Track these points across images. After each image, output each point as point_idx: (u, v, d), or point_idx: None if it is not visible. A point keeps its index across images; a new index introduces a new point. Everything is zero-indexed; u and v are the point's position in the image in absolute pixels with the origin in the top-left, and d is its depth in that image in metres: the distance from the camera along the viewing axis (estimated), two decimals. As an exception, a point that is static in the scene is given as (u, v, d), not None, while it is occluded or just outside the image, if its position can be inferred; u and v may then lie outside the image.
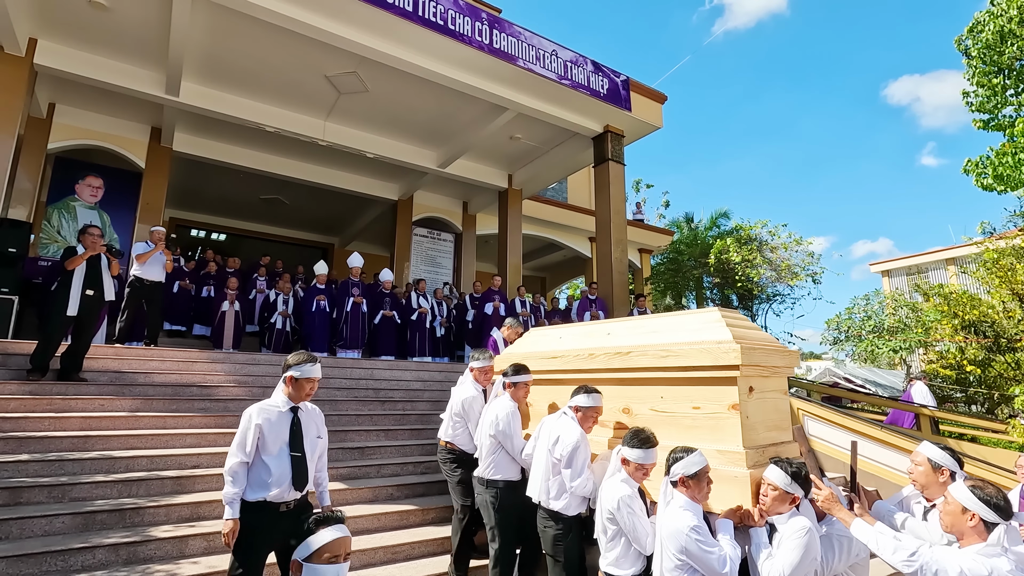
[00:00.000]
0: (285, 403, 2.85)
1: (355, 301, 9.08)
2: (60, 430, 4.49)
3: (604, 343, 3.30)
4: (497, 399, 3.62)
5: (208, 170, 11.43)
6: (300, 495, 2.82)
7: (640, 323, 3.35)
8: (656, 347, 2.95)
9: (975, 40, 10.31)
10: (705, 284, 12.28)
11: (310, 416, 2.97)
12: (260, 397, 5.77)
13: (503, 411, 3.47)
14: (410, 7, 7.30)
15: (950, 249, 20.89)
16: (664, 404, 2.92)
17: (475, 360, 4.13)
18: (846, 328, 17.56)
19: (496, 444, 3.46)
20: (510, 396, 3.56)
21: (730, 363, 2.57)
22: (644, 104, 10.03)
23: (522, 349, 4.06)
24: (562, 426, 3.02)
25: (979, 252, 9.24)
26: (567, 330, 3.90)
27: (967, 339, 8.30)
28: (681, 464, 2.38)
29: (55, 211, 9.51)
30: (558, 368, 3.52)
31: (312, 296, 9.05)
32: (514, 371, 3.58)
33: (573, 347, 3.50)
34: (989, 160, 9.99)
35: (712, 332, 2.77)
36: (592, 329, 3.61)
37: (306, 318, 9.00)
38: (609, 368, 3.16)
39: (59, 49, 7.78)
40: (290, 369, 2.84)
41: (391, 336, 9.49)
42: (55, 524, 3.43)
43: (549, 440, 3.04)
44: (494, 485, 3.46)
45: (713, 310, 2.96)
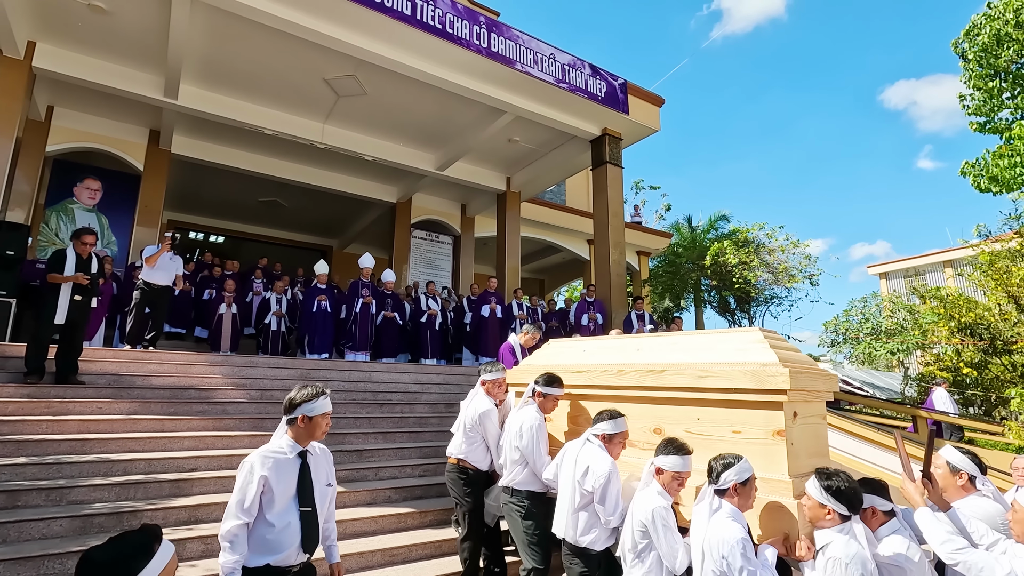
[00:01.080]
0: (292, 448, 2.41)
1: (364, 302, 8.94)
2: (58, 433, 4.50)
3: (634, 359, 3.16)
4: (523, 409, 3.39)
5: (207, 173, 11.44)
6: (308, 557, 2.41)
7: (673, 340, 3.20)
8: (693, 366, 2.80)
9: (972, 43, 10.37)
10: (703, 286, 12.31)
11: (319, 461, 2.52)
12: (259, 400, 5.82)
13: (528, 423, 3.28)
14: (408, 11, 7.33)
15: (947, 251, 20.93)
16: (700, 427, 2.76)
17: (487, 372, 3.89)
18: (844, 330, 17.59)
19: (521, 457, 3.31)
20: (537, 407, 3.36)
21: (777, 387, 2.43)
22: (642, 107, 10.06)
23: (543, 361, 3.87)
24: (591, 456, 2.80)
25: (975, 255, 9.28)
26: (592, 343, 3.74)
27: (963, 341, 8.33)
28: (733, 471, 2.27)
29: (53, 214, 9.51)
30: (584, 383, 3.35)
31: (313, 296, 8.90)
32: (546, 381, 3.37)
33: (600, 362, 3.35)
34: (985, 162, 10.04)
35: (756, 353, 2.64)
36: (620, 344, 3.46)
37: (306, 318, 8.87)
38: (640, 386, 3.01)
39: (58, 52, 7.79)
40: (299, 407, 2.41)
41: (393, 338, 9.38)
42: (53, 527, 3.43)
43: (577, 470, 2.82)
44: (518, 493, 3.33)
45: (754, 329, 2.81)
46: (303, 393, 2.45)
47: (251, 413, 5.57)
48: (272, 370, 6.66)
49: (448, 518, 4.56)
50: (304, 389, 2.47)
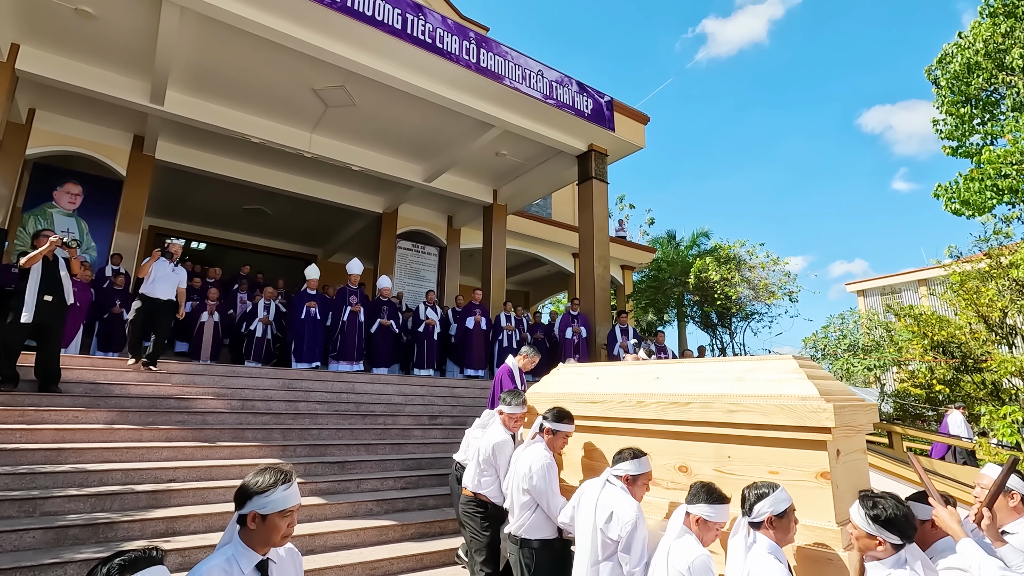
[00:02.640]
0: (248, 558, 1.75)
1: (352, 310, 8.69)
2: (32, 442, 4.40)
3: (654, 389, 2.92)
4: (530, 447, 3.12)
5: (191, 179, 11.34)
6: None
7: (697, 368, 2.93)
8: (722, 399, 2.55)
9: (944, 71, 10.77)
10: (685, 301, 12.47)
11: (285, 570, 1.88)
12: (239, 411, 5.76)
13: (538, 463, 3.00)
14: (399, 24, 7.41)
15: (922, 271, 21.47)
16: (732, 466, 2.50)
17: (505, 404, 3.59)
18: (822, 346, 17.89)
19: (531, 500, 3.03)
20: (546, 444, 3.10)
21: (820, 425, 2.19)
22: (627, 125, 10.23)
23: (552, 389, 3.61)
24: (614, 499, 2.52)
25: (947, 275, 9.55)
26: (605, 370, 3.47)
27: (936, 359, 8.55)
28: (768, 502, 2.06)
29: (31, 217, 9.35)
30: (598, 415, 3.09)
31: (302, 302, 8.56)
32: (556, 417, 3.11)
33: (616, 391, 3.09)
34: (957, 186, 10.39)
35: (792, 385, 2.39)
36: (637, 372, 3.21)
37: (294, 325, 8.54)
38: (663, 419, 2.75)
39: (42, 55, 7.71)
40: (252, 500, 1.74)
41: (388, 347, 9.14)
42: (25, 539, 3.35)
43: (598, 516, 2.55)
44: (528, 545, 3.04)
45: (788, 358, 2.58)
46: (257, 481, 1.77)
47: (231, 424, 5.51)
48: (254, 380, 6.59)
49: (430, 531, 4.55)
50: (260, 475, 1.79)
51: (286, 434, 5.57)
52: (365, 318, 8.90)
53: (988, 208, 10.03)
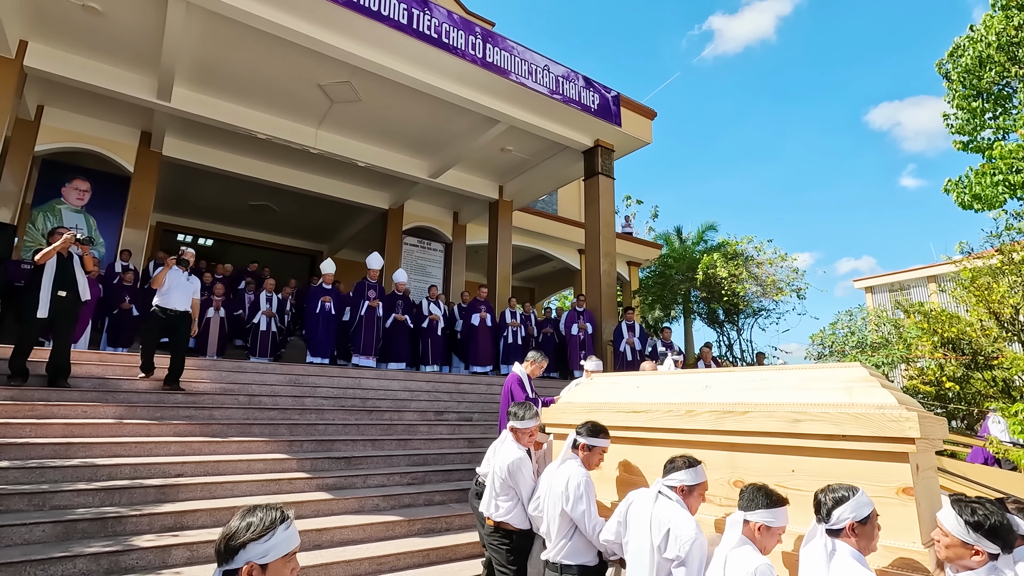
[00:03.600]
0: None
1: (370, 305, 8.63)
2: (42, 437, 4.43)
3: (704, 398, 2.74)
4: (565, 465, 2.88)
5: (197, 175, 11.38)
6: None
7: (749, 376, 2.73)
8: (785, 407, 2.37)
9: (955, 64, 10.63)
10: (692, 298, 12.41)
11: None
12: (246, 406, 5.78)
13: (575, 482, 2.75)
14: (404, 19, 7.39)
15: (931, 267, 21.28)
16: (796, 480, 2.30)
17: (516, 419, 3.29)
18: (830, 343, 17.78)
19: (569, 524, 2.80)
20: (582, 461, 2.86)
21: (903, 435, 2.01)
22: (634, 120, 10.18)
23: (587, 399, 3.37)
24: (670, 514, 2.31)
25: (957, 271, 9.46)
26: (646, 379, 3.26)
27: (946, 356, 8.48)
28: (849, 506, 1.88)
29: (40, 214, 9.40)
30: (641, 425, 2.89)
31: (316, 296, 8.50)
32: (591, 431, 2.86)
33: (661, 400, 2.91)
34: (968, 180, 10.27)
35: (865, 393, 2.23)
36: (682, 380, 3.02)
37: (308, 320, 8.53)
38: (716, 430, 2.56)
39: (50, 52, 7.74)
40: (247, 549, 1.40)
41: (404, 342, 9.08)
42: (35, 532, 3.38)
43: (653, 533, 2.32)
44: (568, 571, 2.81)
45: (856, 365, 2.41)
46: (251, 524, 1.42)
47: (238, 419, 5.53)
48: (260, 375, 6.61)
49: (436, 527, 4.56)
50: (251, 516, 1.45)
51: (293, 429, 5.59)
52: (384, 312, 8.84)
53: (1000, 203, 9.91)
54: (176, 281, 5.89)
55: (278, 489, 4.52)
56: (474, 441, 6.41)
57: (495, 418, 7.18)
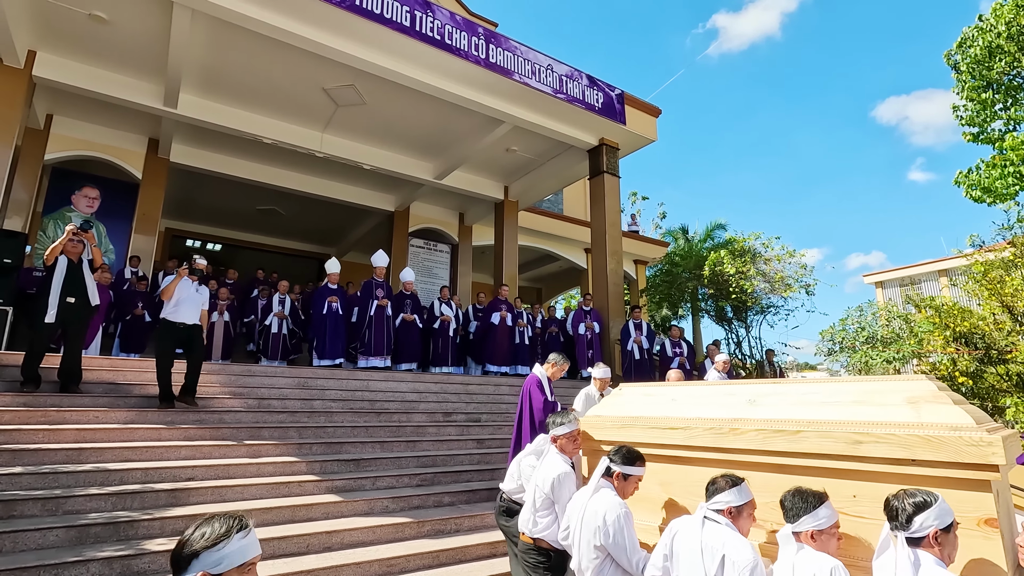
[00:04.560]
0: None
1: (379, 304, 8.46)
2: (54, 442, 4.48)
3: (749, 414, 2.52)
4: (599, 495, 2.63)
5: (205, 181, 11.46)
6: None
7: (799, 389, 2.52)
8: (844, 427, 2.16)
9: (964, 55, 10.52)
10: (700, 295, 12.35)
11: None
12: (255, 410, 5.81)
13: (613, 515, 2.51)
14: (407, 22, 7.40)
15: (942, 261, 21.04)
16: (858, 506, 2.08)
17: (556, 426, 3.10)
18: (840, 339, 17.63)
19: (605, 558, 2.57)
20: (616, 491, 2.64)
21: (984, 462, 1.79)
22: (639, 117, 10.14)
23: (616, 412, 3.13)
24: (723, 540, 2.12)
25: (969, 264, 9.34)
26: (682, 391, 3.03)
27: (959, 350, 8.37)
28: (932, 513, 1.73)
29: (51, 221, 9.51)
30: (680, 443, 2.67)
31: (323, 297, 8.36)
32: (626, 459, 2.65)
33: (701, 416, 2.68)
34: (979, 173, 10.15)
35: (935, 411, 2.00)
36: (724, 393, 2.79)
37: (315, 321, 8.39)
38: (765, 450, 2.34)
39: (58, 61, 7.83)
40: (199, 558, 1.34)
41: (414, 342, 8.94)
42: (49, 537, 3.41)
43: (708, 562, 2.12)
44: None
45: (922, 378, 2.20)
46: (204, 532, 1.37)
47: (248, 422, 5.56)
48: (269, 378, 6.64)
49: (446, 528, 4.55)
50: (207, 525, 1.39)
51: (302, 432, 5.61)
52: (392, 312, 8.71)
53: (1011, 195, 9.79)
54: (186, 293, 5.58)
55: (287, 492, 4.54)
56: (483, 442, 6.41)
57: (504, 419, 7.17)
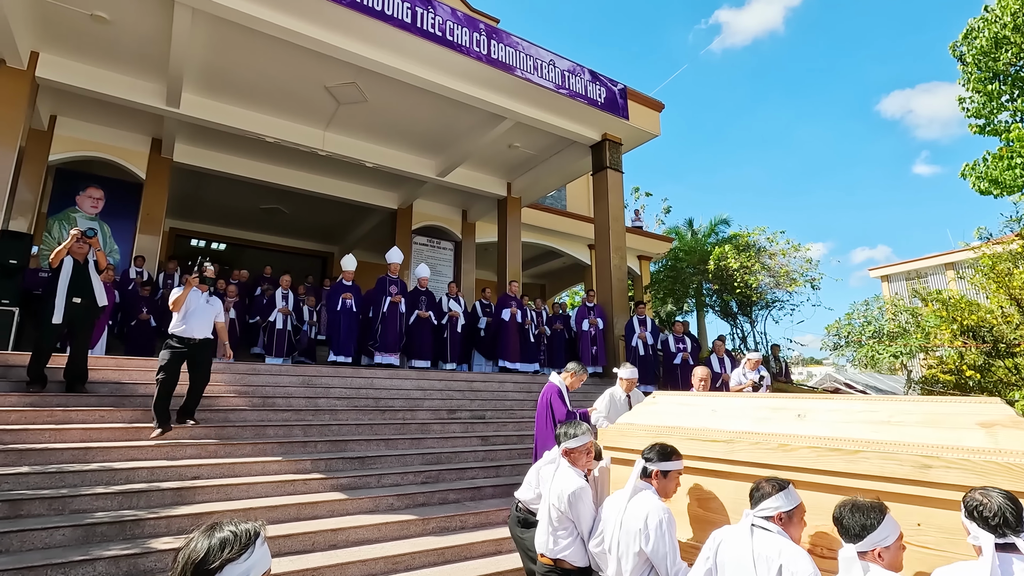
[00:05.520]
0: None
1: (392, 301, 8.45)
2: (60, 442, 4.50)
3: (799, 429, 2.34)
4: (641, 498, 2.47)
5: (208, 180, 11.49)
6: None
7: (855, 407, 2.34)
8: (910, 449, 2.00)
9: (970, 47, 10.39)
10: (704, 291, 12.31)
11: None
12: (260, 408, 5.82)
13: (656, 518, 2.35)
14: (408, 18, 7.38)
15: (949, 254, 20.92)
16: (923, 536, 1.93)
17: (568, 438, 2.91)
18: (846, 333, 17.54)
19: (645, 565, 2.42)
20: (656, 491, 2.49)
21: None
22: (641, 112, 10.09)
23: (651, 421, 2.96)
24: (778, 550, 1.95)
25: (976, 257, 9.27)
26: (723, 402, 2.83)
27: (966, 344, 8.31)
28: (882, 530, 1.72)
29: (56, 222, 9.55)
30: (721, 457, 2.49)
31: (337, 293, 8.33)
32: (662, 455, 2.50)
33: (745, 429, 2.51)
34: (986, 165, 10.05)
35: (1018, 438, 1.86)
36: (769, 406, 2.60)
37: (330, 317, 8.39)
38: (817, 469, 2.16)
39: (61, 62, 7.85)
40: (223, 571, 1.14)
41: (427, 339, 8.88)
42: (56, 536, 3.43)
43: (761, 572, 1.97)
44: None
45: (995, 401, 2.07)
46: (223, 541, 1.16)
47: (253, 420, 5.58)
48: (274, 377, 6.66)
49: (451, 525, 4.56)
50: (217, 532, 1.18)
51: (307, 430, 5.62)
52: (407, 308, 8.66)
53: (1018, 187, 9.68)
54: (195, 304, 5.11)
55: (293, 490, 4.55)
56: (488, 439, 6.41)
57: (508, 416, 7.17)
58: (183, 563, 1.13)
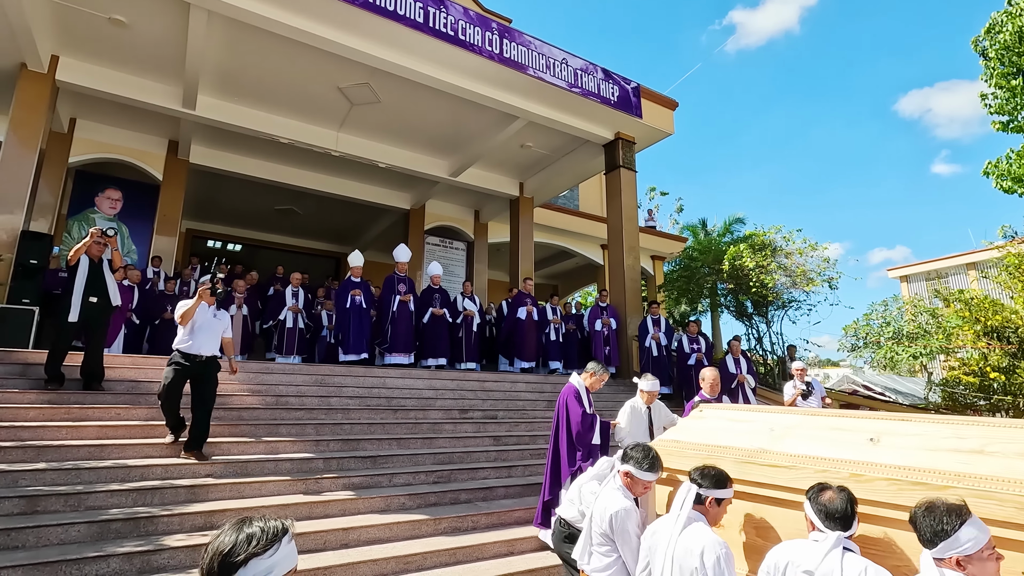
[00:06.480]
0: None
1: (401, 299, 8.26)
2: (77, 439, 4.55)
3: (873, 456, 2.08)
4: (693, 530, 2.25)
5: (224, 182, 11.60)
6: None
7: (941, 432, 2.09)
8: (1012, 486, 1.72)
9: (993, 41, 10.16)
10: (719, 290, 12.16)
11: None
12: (273, 407, 5.85)
13: (713, 555, 2.13)
14: (421, 18, 7.38)
15: (970, 254, 20.48)
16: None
17: (635, 463, 2.65)
18: (864, 334, 17.24)
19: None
20: (709, 520, 2.30)
21: None
22: (655, 111, 10.01)
23: (700, 439, 2.75)
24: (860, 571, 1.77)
25: (1001, 256, 9.05)
26: (781, 420, 2.57)
27: (990, 345, 8.12)
28: None
29: (75, 223, 9.70)
30: (783, 484, 2.23)
31: (346, 290, 8.12)
32: (716, 482, 2.30)
33: (810, 452, 2.26)
34: (1008, 162, 9.81)
35: None
36: (832, 426, 2.35)
37: (339, 316, 8.22)
38: (897, 505, 1.89)
39: (80, 65, 7.97)
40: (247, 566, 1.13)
41: (442, 337, 8.67)
42: (71, 532, 3.46)
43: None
44: None
45: None
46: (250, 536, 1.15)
47: (266, 419, 5.60)
48: (287, 376, 6.69)
49: (463, 526, 4.52)
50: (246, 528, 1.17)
51: (319, 429, 5.63)
52: (415, 308, 8.51)
53: (1044, 185, 9.45)
54: (202, 319, 4.68)
55: (304, 489, 4.56)
56: (500, 439, 6.38)
57: (520, 416, 7.13)
58: (211, 554, 1.16)
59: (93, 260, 5.40)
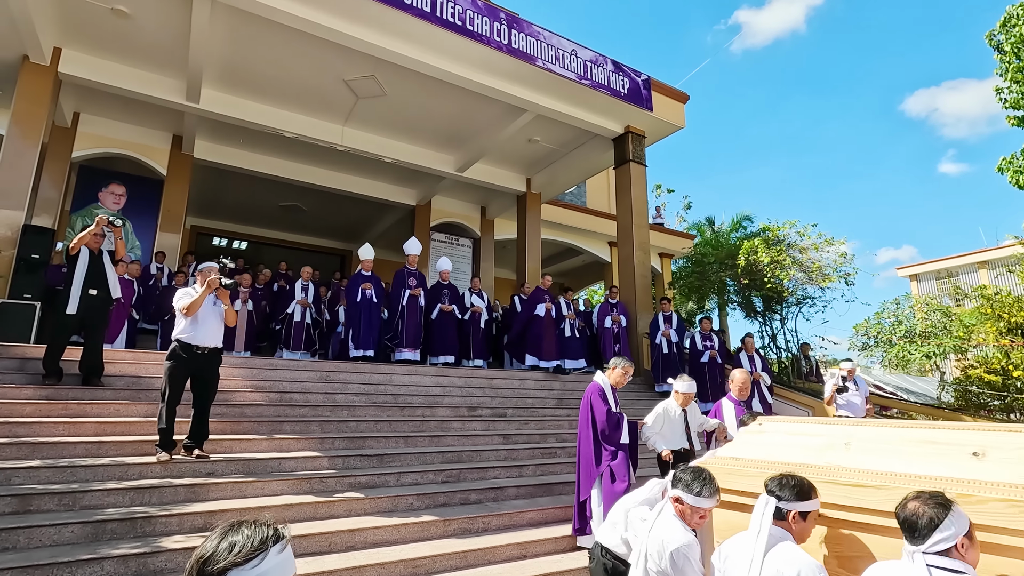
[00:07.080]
0: None
1: (411, 294, 8.09)
2: (74, 435, 4.40)
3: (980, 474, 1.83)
4: (781, 550, 1.93)
5: (228, 177, 11.48)
6: None
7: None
8: None
9: (1008, 35, 9.90)
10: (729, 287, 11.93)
11: None
12: (277, 403, 5.69)
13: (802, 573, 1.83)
14: (428, 7, 7.23)
15: (981, 252, 20.20)
16: None
17: (689, 491, 2.28)
18: (875, 333, 16.97)
19: None
20: (794, 537, 1.99)
21: None
22: (666, 104, 9.82)
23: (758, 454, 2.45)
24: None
25: (1021, 253, 8.81)
26: (858, 433, 2.28)
27: (1013, 342, 7.88)
28: None
29: (79, 218, 9.59)
30: (873, 507, 1.94)
31: (356, 284, 7.89)
32: (799, 493, 1.99)
33: (900, 470, 1.99)
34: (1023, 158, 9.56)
35: None
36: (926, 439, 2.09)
37: (349, 310, 8.06)
38: (1015, 529, 1.67)
39: (83, 58, 7.85)
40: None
41: (451, 334, 8.46)
42: (64, 533, 3.30)
43: None
44: None
45: None
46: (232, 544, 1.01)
47: (269, 416, 5.45)
48: (291, 372, 6.54)
49: (473, 527, 4.35)
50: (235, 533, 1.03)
51: (324, 426, 5.47)
52: (425, 303, 8.32)
53: (1059, 182, 9.19)
54: (205, 309, 4.47)
55: (309, 488, 4.39)
56: (509, 437, 6.21)
57: (530, 414, 6.96)
58: (193, 560, 1.05)
59: (93, 251, 5.27)
